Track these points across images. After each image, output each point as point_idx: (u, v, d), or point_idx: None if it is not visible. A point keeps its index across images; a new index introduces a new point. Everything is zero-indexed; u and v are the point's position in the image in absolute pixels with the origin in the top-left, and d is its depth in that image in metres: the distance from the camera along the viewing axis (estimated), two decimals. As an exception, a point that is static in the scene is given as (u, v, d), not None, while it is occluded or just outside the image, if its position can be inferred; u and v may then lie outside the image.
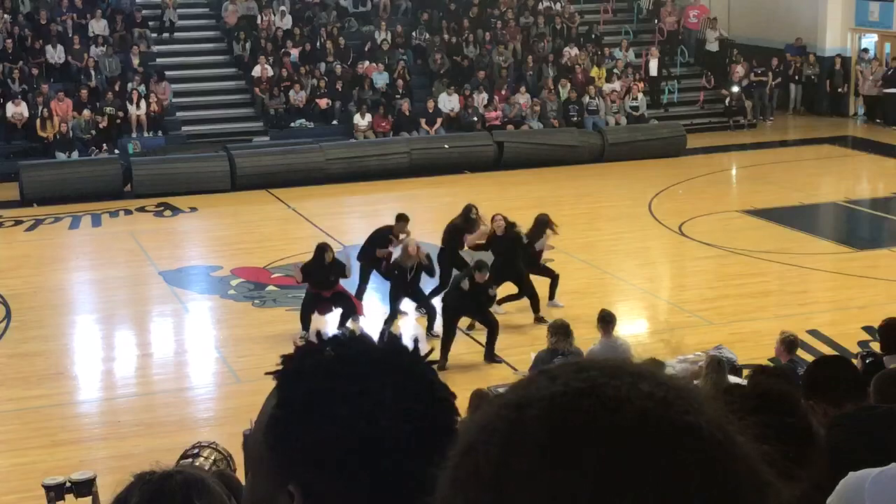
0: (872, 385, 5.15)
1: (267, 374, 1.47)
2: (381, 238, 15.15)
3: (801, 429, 3.10)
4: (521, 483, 0.96)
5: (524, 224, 15.11)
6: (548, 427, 0.97)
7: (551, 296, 15.07)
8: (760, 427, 1.05)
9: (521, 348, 13.16)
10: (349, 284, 14.69)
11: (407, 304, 14.70)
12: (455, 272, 14.28)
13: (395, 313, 14.31)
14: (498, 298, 14.26)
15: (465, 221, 15.31)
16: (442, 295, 14.07)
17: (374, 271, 15.06)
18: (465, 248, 15.18)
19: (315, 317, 14.34)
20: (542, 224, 15.12)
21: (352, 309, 14.32)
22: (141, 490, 2.25)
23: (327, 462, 1.38)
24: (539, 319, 14.46)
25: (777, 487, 1.01)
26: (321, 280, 14.19)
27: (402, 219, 15.25)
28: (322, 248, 14.35)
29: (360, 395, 1.39)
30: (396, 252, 14.60)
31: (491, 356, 13.36)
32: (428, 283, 14.62)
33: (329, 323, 14.66)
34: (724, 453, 0.98)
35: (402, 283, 14.15)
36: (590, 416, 0.96)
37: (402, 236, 14.78)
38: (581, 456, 0.95)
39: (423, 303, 14.42)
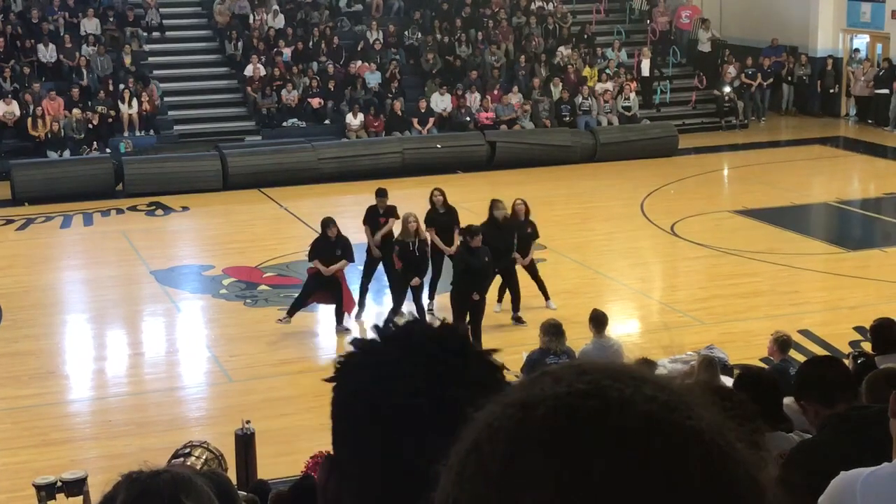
0: (864, 385, 5.15)
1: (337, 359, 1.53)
2: (372, 216, 15.18)
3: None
4: (526, 481, 0.97)
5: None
6: (554, 426, 0.98)
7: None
8: None
9: (513, 348, 13.14)
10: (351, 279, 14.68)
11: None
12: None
13: (400, 303, 14.29)
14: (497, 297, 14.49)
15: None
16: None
17: (381, 264, 15.02)
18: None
19: (304, 313, 14.32)
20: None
21: (342, 304, 14.37)
22: (128, 488, 2.25)
23: (346, 431, 1.42)
24: (517, 319, 14.53)
25: (775, 493, 1.02)
26: (328, 254, 14.30)
27: (381, 194, 15.30)
28: (326, 223, 14.48)
29: (381, 367, 1.42)
30: (396, 230, 14.67)
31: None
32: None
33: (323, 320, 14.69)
34: (726, 458, 0.99)
35: (409, 259, 14.09)
36: (595, 416, 0.97)
37: (405, 222, 14.64)
38: (586, 456, 0.96)
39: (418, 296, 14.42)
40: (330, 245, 14.39)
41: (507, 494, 0.97)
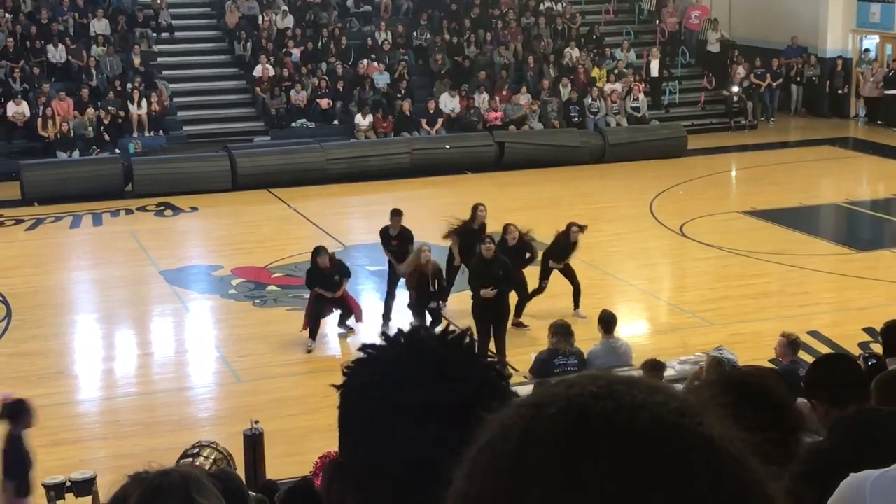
0: (873, 386, 5.12)
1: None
2: (385, 236, 15.14)
3: (778, 416, 3.11)
4: (535, 473, 0.98)
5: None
6: (565, 423, 0.99)
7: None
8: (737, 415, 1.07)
9: (522, 349, 13.16)
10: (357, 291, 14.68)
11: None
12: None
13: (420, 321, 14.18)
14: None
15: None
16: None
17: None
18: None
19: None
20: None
21: (349, 311, 14.34)
22: (139, 488, 2.26)
23: (350, 431, 1.43)
24: (518, 324, 14.47)
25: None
26: (326, 282, 14.17)
27: (395, 213, 15.18)
28: (316, 253, 14.28)
29: (384, 365, 1.44)
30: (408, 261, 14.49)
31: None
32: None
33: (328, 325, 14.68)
34: (735, 466, 1.00)
35: (425, 290, 13.84)
36: (606, 416, 0.99)
37: (416, 250, 14.45)
38: (595, 453, 0.97)
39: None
40: (324, 274, 14.15)
41: (516, 487, 0.99)
